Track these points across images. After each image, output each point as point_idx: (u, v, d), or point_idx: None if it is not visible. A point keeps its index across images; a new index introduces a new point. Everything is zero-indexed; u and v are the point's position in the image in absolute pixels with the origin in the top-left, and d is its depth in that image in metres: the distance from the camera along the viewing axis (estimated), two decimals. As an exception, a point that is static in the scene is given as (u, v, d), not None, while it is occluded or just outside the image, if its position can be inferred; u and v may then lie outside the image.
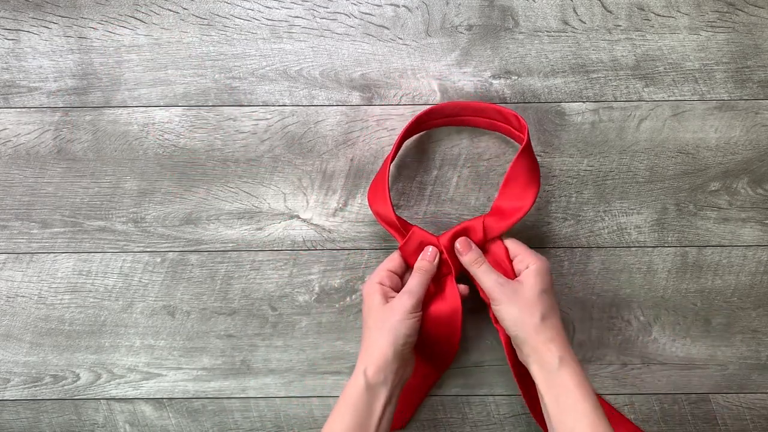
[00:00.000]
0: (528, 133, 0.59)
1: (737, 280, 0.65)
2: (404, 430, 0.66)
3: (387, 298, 0.57)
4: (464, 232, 0.59)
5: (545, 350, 0.53)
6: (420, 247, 0.59)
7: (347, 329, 0.65)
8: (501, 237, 0.59)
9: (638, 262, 0.65)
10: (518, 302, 0.54)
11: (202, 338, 0.65)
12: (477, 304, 0.65)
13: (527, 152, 0.58)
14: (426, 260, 0.58)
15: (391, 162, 0.60)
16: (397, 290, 0.58)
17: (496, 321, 0.57)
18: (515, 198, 0.59)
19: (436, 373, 0.64)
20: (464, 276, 0.59)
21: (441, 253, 0.59)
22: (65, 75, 0.64)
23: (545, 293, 0.55)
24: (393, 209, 0.58)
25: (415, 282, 0.57)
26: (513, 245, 0.59)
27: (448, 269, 0.59)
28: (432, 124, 0.63)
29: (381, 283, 0.57)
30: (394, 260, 0.59)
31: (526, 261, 0.57)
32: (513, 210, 0.58)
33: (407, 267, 0.60)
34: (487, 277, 0.56)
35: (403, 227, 0.59)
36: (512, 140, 0.64)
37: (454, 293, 0.59)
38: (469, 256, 0.57)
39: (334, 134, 0.64)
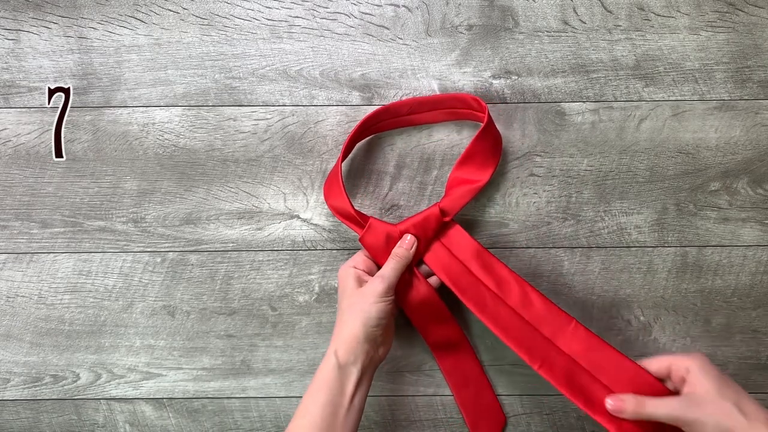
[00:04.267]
0: (488, 113, 0.60)
1: (737, 280, 0.65)
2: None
3: (361, 282, 0.58)
4: (423, 221, 0.59)
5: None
6: (379, 237, 0.59)
7: (347, 329, 0.65)
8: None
9: (638, 262, 0.65)
10: (712, 412, 0.49)
11: (202, 338, 0.65)
12: (477, 304, 0.65)
13: (488, 131, 0.60)
14: (403, 248, 0.59)
15: (342, 161, 0.61)
16: (370, 273, 0.59)
17: None
18: (472, 173, 0.61)
19: (471, 358, 0.64)
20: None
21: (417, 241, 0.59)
22: (65, 75, 0.64)
23: (724, 385, 0.50)
24: (350, 202, 0.59)
25: (389, 267, 0.57)
26: (658, 362, 0.53)
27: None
28: (389, 124, 0.64)
29: (356, 267, 0.59)
30: None
31: (683, 364, 0.52)
32: (469, 183, 0.60)
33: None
34: (665, 407, 0.50)
35: (361, 219, 0.59)
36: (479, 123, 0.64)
37: (419, 277, 0.60)
38: (631, 406, 0.51)
39: (334, 134, 0.64)
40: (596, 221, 0.65)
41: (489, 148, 0.61)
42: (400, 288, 0.59)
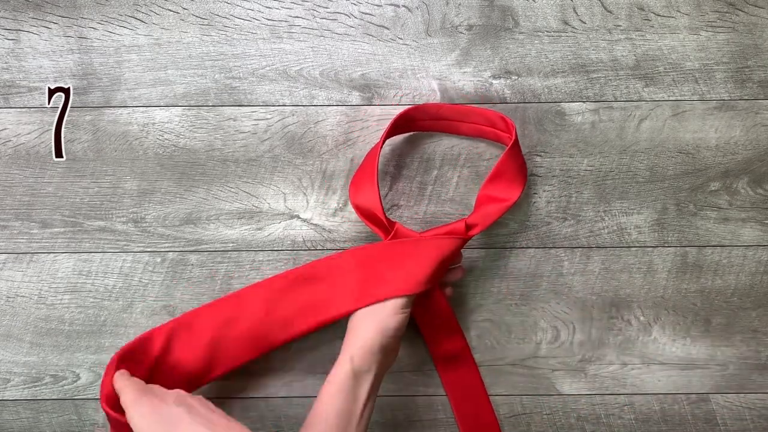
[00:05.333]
0: (516, 132, 0.59)
1: (737, 280, 0.65)
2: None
3: None
4: (448, 233, 0.58)
5: None
6: None
7: (347, 329, 0.65)
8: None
9: (638, 262, 0.65)
10: None
11: (202, 338, 0.65)
12: (474, 306, 0.65)
13: (515, 149, 0.59)
14: None
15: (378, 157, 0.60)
16: None
17: None
18: (501, 191, 0.59)
19: (473, 374, 0.65)
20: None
21: None
22: (65, 75, 0.64)
23: None
24: (381, 204, 0.58)
25: None
26: None
27: None
28: (418, 125, 0.63)
29: None
30: None
31: None
32: (498, 201, 0.59)
33: None
34: None
35: (388, 224, 0.59)
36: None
37: (435, 288, 0.61)
38: None
39: (334, 134, 0.64)
40: (596, 221, 0.65)
41: (517, 167, 0.60)
42: (416, 297, 0.58)
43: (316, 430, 0.52)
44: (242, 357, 0.60)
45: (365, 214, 0.60)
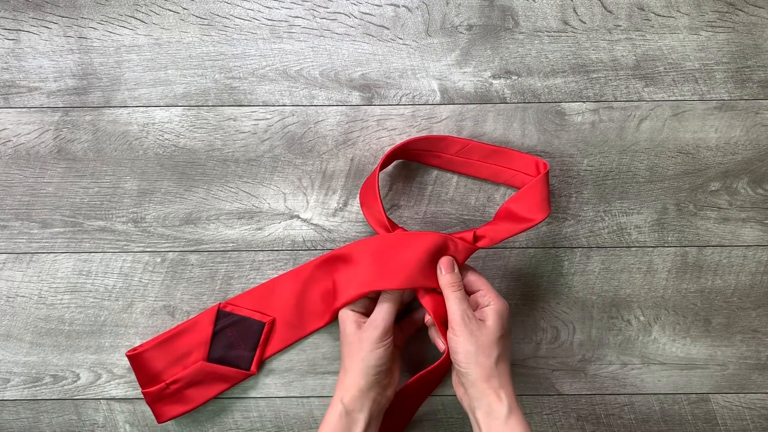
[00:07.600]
0: (548, 169, 0.59)
1: (737, 280, 0.65)
2: (406, 428, 0.65)
3: (359, 324, 0.57)
4: (452, 240, 0.58)
5: (495, 398, 0.53)
6: None
7: (347, 329, 0.65)
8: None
9: (638, 262, 0.65)
10: (477, 341, 0.54)
11: (202, 338, 0.65)
12: (477, 304, 0.65)
13: (546, 179, 0.59)
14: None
15: (380, 170, 0.61)
16: (368, 313, 0.58)
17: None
18: (525, 211, 0.58)
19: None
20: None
21: None
22: (65, 75, 0.64)
23: (503, 338, 0.55)
24: (385, 213, 0.59)
25: (381, 312, 0.57)
26: (476, 278, 0.58)
27: None
28: (430, 157, 0.63)
29: (352, 310, 0.58)
30: None
31: (488, 298, 0.56)
32: (518, 220, 0.58)
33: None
34: (456, 306, 0.55)
35: (391, 227, 0.59)
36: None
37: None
38: (447, 278, 0.56)
39: (334, 134, 0.65)
40: (596, 221, 0.65)
41: (545, 195, 0.59)
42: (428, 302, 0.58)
43: None
44: (279, 345, 0.64)
45: (375, 221, 0.60)
